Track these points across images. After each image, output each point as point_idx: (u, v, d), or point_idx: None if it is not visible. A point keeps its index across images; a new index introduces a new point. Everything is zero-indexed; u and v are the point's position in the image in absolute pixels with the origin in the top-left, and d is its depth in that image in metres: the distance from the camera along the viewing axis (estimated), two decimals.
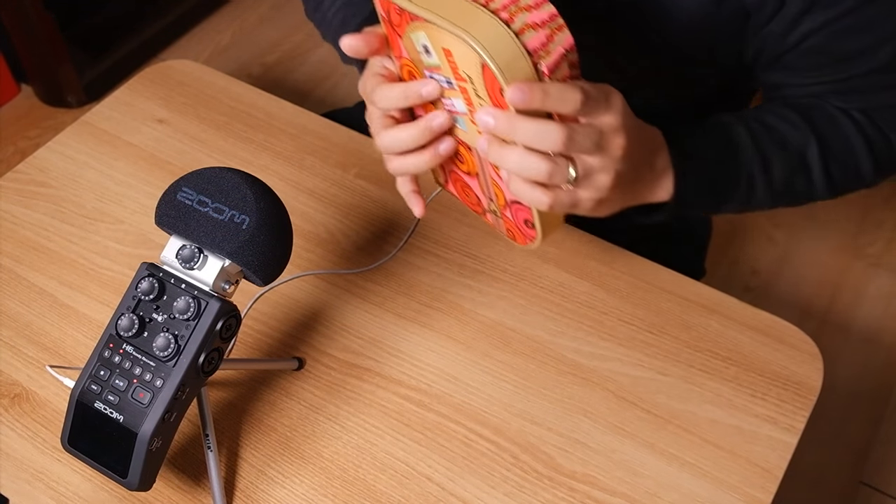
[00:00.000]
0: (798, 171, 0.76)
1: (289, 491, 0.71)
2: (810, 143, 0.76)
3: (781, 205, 0.80)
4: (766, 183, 0.75)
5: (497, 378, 0.77)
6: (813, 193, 0.79)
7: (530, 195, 0.60)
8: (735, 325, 0.80)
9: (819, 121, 0.77)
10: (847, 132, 0.77)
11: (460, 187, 0.73)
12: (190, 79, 1.02)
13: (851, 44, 0.72)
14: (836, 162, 0.77)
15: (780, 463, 0.72)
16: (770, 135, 0.75)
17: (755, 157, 0.74)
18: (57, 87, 2.00)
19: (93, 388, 0.64)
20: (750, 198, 0.76)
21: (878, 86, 0.76)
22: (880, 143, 0.78)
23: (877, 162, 0.78)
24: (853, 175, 0.79)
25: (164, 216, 0.65)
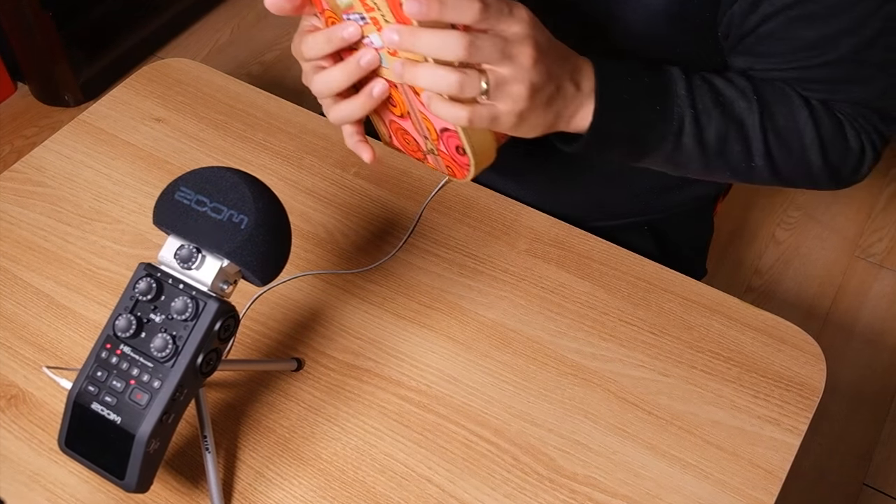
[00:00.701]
0: (736, 139, 0.74)
1: (287, 493, 0.70)
2: (752, 113, 0.74)
3: (718, 172, 0.77)
4: (695, 138, 0.73)
5: (497, 379, 0.76)
6: (752, 169, 0.76)
7: (449, 112, 0.62)
8: (737, 325, 0.80)
9: (770, 96, 0.75)
10: (797, 116, 0.75)
11: (401, 136, 0.74)
12: (188, 77, 1.02)
13: (809, 32, 0.71)
14: (778, 140, 0.75)
15: (783, 464, 0.71)
16: (711, 93, 0.73)
17: (688, 108, 0.72)
18: (54, 85, 1.99)
19: (90, 389, 0.63)
20: (677, 151, 0.73)
21: (838, 78, 0.74)
22: (834, 136, 0.76)
23: (825, 155, 0.76)
24: (798, 161, 0.76)
25: (162, 216, 0.64)
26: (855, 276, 1.74)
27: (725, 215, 1.83)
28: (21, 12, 1.84)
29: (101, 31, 2.07)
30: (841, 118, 0.76)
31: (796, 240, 1.81)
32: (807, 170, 0.77)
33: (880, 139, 0.79)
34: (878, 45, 0.72)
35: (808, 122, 0.75)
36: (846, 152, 0.77)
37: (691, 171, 0.77)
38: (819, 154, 0.76)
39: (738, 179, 0.79)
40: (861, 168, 0.79)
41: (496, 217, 0.88)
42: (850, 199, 1.87)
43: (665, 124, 0.72)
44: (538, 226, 0.87)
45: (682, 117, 0.72)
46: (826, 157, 0.76)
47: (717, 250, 1.78)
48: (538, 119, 0.66)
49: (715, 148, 0.74)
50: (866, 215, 1.84)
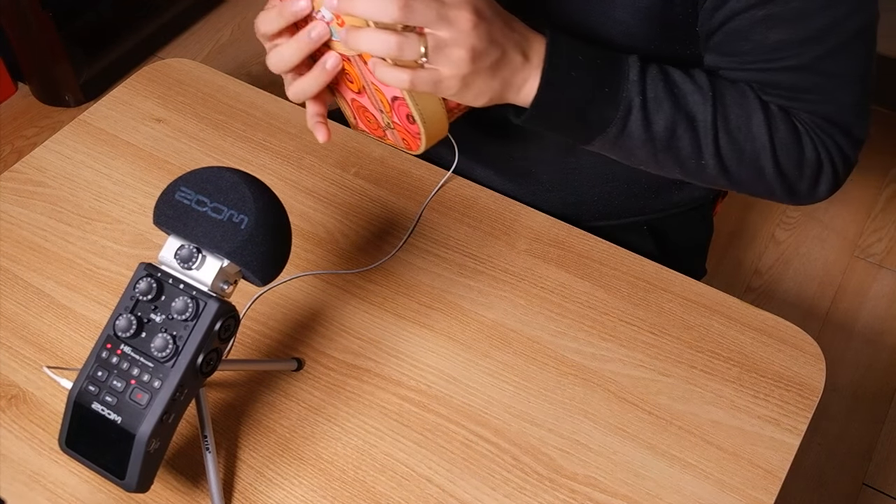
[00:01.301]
0: (685, 132, 0.73)
1: (287, 492, 0.70)
2: (705, 109, 0.73)
3: (667, 166, 0.76)
4: (643, 125, 0.72)
5: (497, 379, 0.76)
6: (702, 167, 0.76)
7: (391, 76, 0.64)
8: (737, 325, 0.80)
9: (728, 95, 0.74)
10: (752, 118, 0.74)
11: (363, 115, 0.76)
12: (188, 77, 1.02)
13: (773, 34, 0.70)
14: (729, 139, 0.74)
15: (783, 464, 0.71)
16: (666, 84, 0.73)
17: (637, 94, 0.72)
18: (54, 85, 1.99)
19: (90, 389, 0.63)
20: (624, 137, 0.73)
21: (799, 86, 0.74)
22: (789, 144, 0.75)
23: (777, 162, 0.75)
24: (750, 164, 0.75)
25: (163, 216, 0.64)
26: (854, 276, 1.74)
27: (725, 215, 1.83)
28: (21, 12, 1.84)
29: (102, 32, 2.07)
30: (799, 128, 0.75)
31: (796, 240, 1.81)
32: (758, 174, 0.76)
33: (842, 158, 0.77)
34: (842, 57, 0.72)
35: (762, 125, 0.74)
36: (801, 163, 0.76)
37: (641, 161, 0.77)
38: (771, 159, 0.75)
39: (689, 177, 0.78)
40: (819, 183, 0.78)
41: (496, 217, 0.88)
42: (850, 199, 1.87)
43: (611, 106, 0.72)
44: (538, 226, 0.87)
45: (630, 102, 0.72)
46: (778, 163, 0.75)
47: (717, 250, 1.78)
48: (484, 85, 0.67)
49: (663, 139, 0.73)
50: (866, 215, 1.84)
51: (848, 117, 0.76)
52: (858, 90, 0.75)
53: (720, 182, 0.78)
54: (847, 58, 0.72)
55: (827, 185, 0.79)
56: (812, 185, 0.78)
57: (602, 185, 0.92)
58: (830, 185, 0.79)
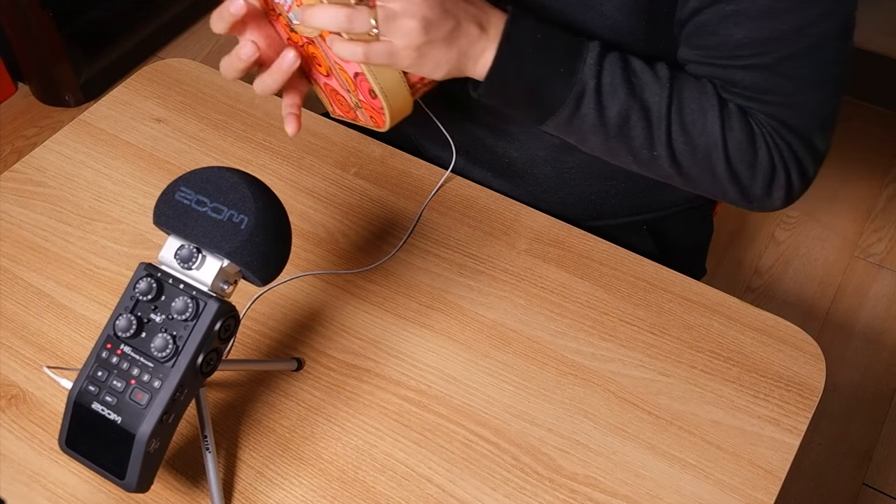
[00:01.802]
0: (638, 121, 0.73)
1: (287, 492, 0.70)
2: (661, 100, 0.73)
3: (621, 153, 0.76)
4: (596, 109, 0.73)
5: (497, 379, 0.76)
6: (654, 158, 0.75)
7: (346, 49, 0.66)
8: (737, 325, 0.80)
9: (687, 89, 0.74)
10: (707, 114, 0.74)
11: (336, 99, 0.77)
12: (188, 77, 1.02)
13: (738, 31, 0.70)
14: (683, 133, 0.74)
15: (783, 464, 0.71)
16: (624, 71, 0.73)
17: (592, 78, 0.72)
18: (54, 85, 1.99)
19: (90, 388, 0.63)
20: (577, 119, 0.73)
21: (760, 87, 0.73)
22: (742, 144, 0.74)
23: (729, 161, 0.75)
24: (702, 161, 0.75)
25: (162, 216, 0.64)
26: (855, 277, 1.74)
27: (725, 215, 1.83)
28: (21, 12, 1.84)
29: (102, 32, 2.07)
30: (755, 129, 0.75)
31: (796, 240, 1.81)
32: (710, 171, 0.76)
33: (797, 168, 0.76)
34: (806, 61, 0.71)
35: (716, 121, 0.74)
36: (753, 164, 0.75)
37: (594, 147, 0.77)
38: (723, 157, 0.75)
39: (642, 168, 0.78)
40: (772, 188, 0.77)
41: (496, 217, 0.88)
42: (850, 199, 1.87)
43: (564, 86, 0.72)
44: (538, 226, 0.87)
45: (585, 85, 0.72)
46: (730, 162, 0.75)
47: (717, 250, 1.78)
48: (440, 56, 0.69)
49: (615, 125, 0.73)
50: (866, 215, 1.84)
51: (807, 124, 0.75)
52: (822, 98, 0.74)
53: (673, 177, 0.77)
54: (811, 63, 0.71)
55: (781, 193, 0.77)
56: (766, 190, 0.77)
57: (600, 184, 0.92)
58: (785, 194, 0.78)
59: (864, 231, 1.82)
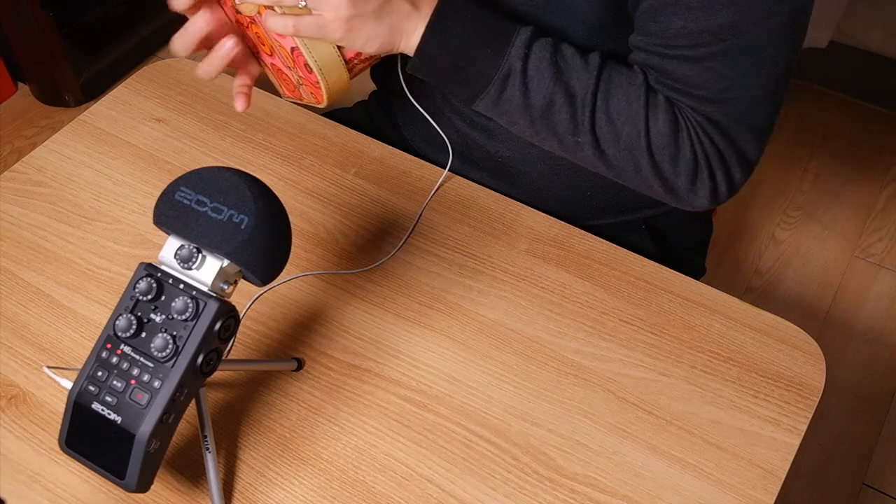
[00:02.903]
0: (563, 105, 0.74)
1: (288, 492, 0.70)
2: (587, 86, 0.73)
3: (547, 137, 0.77)
4: (521, 92, 0.73)
5: (497, 379, 0.76)
6: (578, 145, 0.75)
7: (276, 22, 0.69)
8: (737, 325, 0.80)
9: (616, 78, 0.74)
10: (633, 103, 0.74)
11: (282, 79, 0.79)
12: (188, 77, 1.02)
13: (677, 21, 0.70)
14: (607, 120, 0.74)
15: (783, 464, 0.71)
16: (553, 56, 0.73)
17: (519, 60, 0.73)
18: (54, 85, 1.99)
19: (90, 389, 0.63)
20: (503, 100, 0.74)
21: (690, 80, 0.72)
22: (666, 136, 0.74)
23: (652, 152, 0.74)
24: (625, 150, 0.75)
25: (162, 216, 0.64)
26: (855, 276, 1.74)
27: (725, 215, 1.83)
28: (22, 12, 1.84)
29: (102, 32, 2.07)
30: (681, 122, 0.74)
31: (796, 240, 1.81)
32: (634, 162, 0.75)
33: (723, 168, 0.75)
34: (738, 60, 0.70)
35: (640, 111, 0.74)
36: (676, 158, 0.75)
37: (523, 130, 0.77)
38: (645, 148, 0.74)
39: (568, 153, 0.78)
40: (696, 185, 0.76)
41: (496, 217, 0.88)
42: (850, 199, 1.87)
43: (491, 67, 0.73)
44: (538, 226, 0.87)
45: (511, 66, 0.73)
46: (651, 153, 0.74)
47: (717, 250, 1.78)
48: (371, 30, 0.71)
49: (540, 108, 0.74)
50: (866, 215, 1.84)
51: (735, 125, 0.74)
52: (753, 101, 0.73)
53: (599, 165, 0.77)
54: (745, 63, 0.71)
55: (706, 192, 0.77)
56: (690, 186, 0.76)
57: (592, 179, 0.92)
58: (710, 193, 0.77)
59: (864, 231, 1.82)
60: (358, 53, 0.74)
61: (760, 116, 0.74)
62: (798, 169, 1.93)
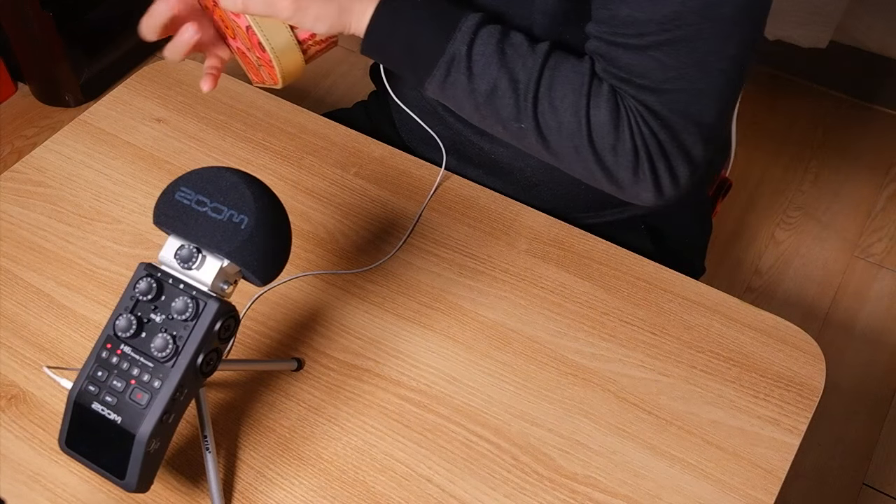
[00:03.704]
0: (507, 90, 0.74)
1: (288, 492, 0.70)
2: (532, 72, 0.73)
3: (493, 123, 0.76)
4: (466, 76, 0.74)
5: (497, 379, 0.76)
6: (522, 130, 0.75)
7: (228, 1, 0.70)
8: (737, 325, 0.80)
9: (561, 65, 0.74)
10: (578, 91, 0.73)
11: (245, 61, 0.81)
12: (188, 77, 1.02)
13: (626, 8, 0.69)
14: (550, 107, 0.73)
15: (783, 464, 0.71)
16: (500, 42, 0.74)
17: (464, 44, 0.73)
18: (54, 85, 1.99)
19: (90, 389, 0.63)
20: (450, 84, 0.75)
21: (634, 69, 0.72)
22: (605, 125, 0.73)
23: (592, 141, 0.74)
24: (567, 138, 0.74)
25: (162, 216, 0.64)
26: (855, 276, 1.74)
27: (725, 215, 1.83)
28: (22, 12, 1.84)
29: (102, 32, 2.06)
30: (622, 112, 0.73)
31: (796, 240, 1.81)
32: (575, 150, 0.75)
33: (665, 162, 0.74)
34: (682, 52, 0.70)
35: (583, 99, 0.73)
36: (616, 148, 0.74)
37: (471, 115, 0.78)
38: (586, 137, 0.74)
39: (514, 140, 0.78)
40: (638, 177, 0.75)
41: (496, 217, 0.88)
42: (850, 199, 1.87)
43: (437, 50, 0.74)
44: (538, 225, 0.87)
45: (458, 50, 0.74)
46: (593, 142, 0.74)
47: (717, 250, 1.78)
48: (319, 10, 0.72)
49: (484, 93, 0.74)
50: (866, 215, 1.84)
51: (678, 119, 0.73)
52: (696, 94, 0.72)
53: (544, 153, 0.77)
54: (689, 56, 0.70)
55: (649, 185, 0.75)
56: (632, 178, 0.75)
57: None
58: (653, 187, 0.75)
59: (864, 231, 1.82)
60: (312, 35, 0.76)
61: (704, 112, 0.73)
62: (798, 169, 1.93)
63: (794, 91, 2.08)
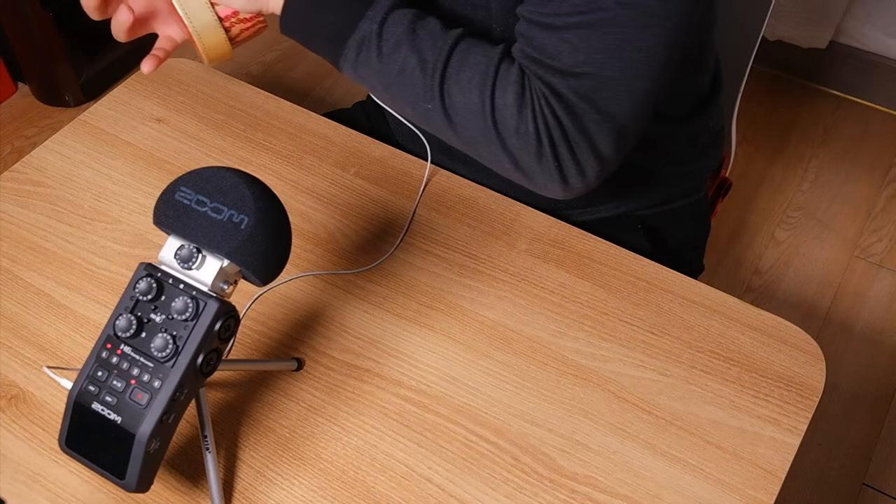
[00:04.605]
0: (414, 70, 0.73)
1: (287, 492, 0.70)
2: (441, 53, 0.73)
3: (400, 100, 0.76)
4: (377, 55, 0.74)
5: (497, 379, 0.76)
6: (429, 111, 0.75)
7: None
8: (737, 325, 0.80)
9: (474, 47, 0.73)
10: (485, 73, 0.72)
11: (192, 42, 0.82)
12: (188, 77, 1.02)
13: None
14: (457, 87, 0.73)
15: (783, 464, 0.71)
16: (412, 23, 0.74)
17: (375, 24, 0.73)
18: (54, 85, 1.99)
19: (90, 389, 0.63)
20: (361, 63, 0.75)
21: (546, 49, 0.70)
22: (509, 105, 0.72)
23: (495, 121, 0.72)
24: (473, 118, 0.73)
25: (162, 216, 0.64)
26: (854, 277, 1.74)
27: (725, 215, 1.83)
28: (22, 12, 1.84)
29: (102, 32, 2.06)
30: (527, 95, 0.72)
31: (796, 240, 1.81)
32: (482, 134, 0.74)
33: (568, 150, 0.72)
34: (595, 36, 0.68)
35: (489, 80, 0.72)
36: (519, 130, 0.72)
37: (383, 96, 0.78)
38: (490, 119, 0.72)
39: (423, 122, 0.77)
40: (542, 165, 0.73)
41: (496, 217, 0.88)
42: (850, 199, 1.87)
43: (348, 29, 0.75)
44: (538, 226, 0.87)
45: (369, 30, 0.74)
46: (496, 125, 0.73)
47: (717, 250, 1.78)
48: None
49: (394, 73, 0.75)
50: (866, 215, 1.84)
51: (581, 103, 0.70)
52: (606, 80, 0.70)
53: (451, 136, 0.76)
54: (601, 40, 0.68)
55: (554, 174, 0.73)
56: (537, 164, 0.73)
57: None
58: (558, 176, 0.74)
59: (864, 231, 1.82)
60: (234, 13, 0.77)
61: (612, 102, 0.70)
62: (798, 169, 1.93)
63: (794, 91, 2.08)
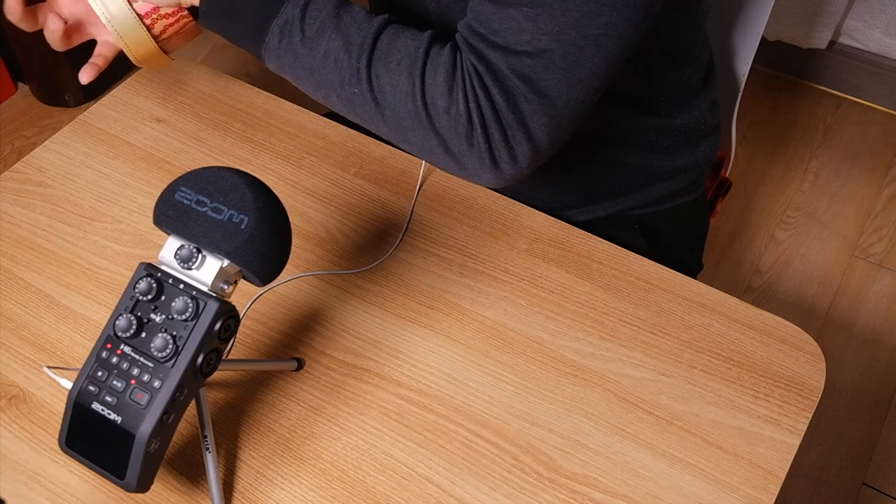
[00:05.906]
0: (340, 53, 0.72)
1: (287, 492, 0.70)
2: (367, 36, 0.72)
3: (328, 88, 0.75)
4: (301, 41, 0.73)
5: (497, 379, 0.76)
6: (356, 96, 0.73)
7: None
8: (737, 325, 0.80)
9: (402, 31, 0.73)
10: (415, 54, 0.71)
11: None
12: (188, 77, 1.02)
13: None
14: (385, 70, 0.71)
15: (783, 464, 0.71)
16: (335, 8, 0.73)
17: (298, 10, 0.73)
18: (54, 85, 1.99)
19: (90, 389, 0.63)
20: (284, 50, 0.75)
21: (490, 23, 0.69)
22: (440, 84, 0.71)
23: (426, 107, 0.71)
24: (402, 102, 0.72)
25: (162, 216, 0.64)
26: (854, 276, 1.74)
27: (725, 215, 1.83)
28: None
29: None
30: (458, 73, 0.71)
31: (796, 240, 1.81)
32: (411, 118, 0.72)
33: (499, 130, 0.70)
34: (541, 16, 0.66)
35: (419, 60, 0.71)
36: (449, 111, 0.71)
37: (307, 85, 0.77)
38: (420, 99, 0.71)
39: (348, 109, 0.76)
40: (472, 147, 0.71)
41: (496, 217, 0.88)
42: (850, 199, 1.87)
43: (270, 14, 0.74)
44: (538, 226, 0.87)
45: (291, 14, 0.74)
46: (426, 105, 0.71)
47: (717, 250, 1.78)
48: None
49: (320, 58, 0.74)
50: (866, 215, 1.84)
51: (517, 80, 0.69)
52: (546, 61, 0.68)
53: (379, 122, 0.75)
54: (546, 20, 0.66)
55: (485, 157, 0.72)
56: (467, 146, 0.72)
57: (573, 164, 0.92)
58: (489, 159, 0.72)
59: (864, 231, 1.82)
60: (155, 9, 0.78)
61: (551, 86, 0.69)
62: (798, 169, 1.93)
63: (794, 91, 2.08)
